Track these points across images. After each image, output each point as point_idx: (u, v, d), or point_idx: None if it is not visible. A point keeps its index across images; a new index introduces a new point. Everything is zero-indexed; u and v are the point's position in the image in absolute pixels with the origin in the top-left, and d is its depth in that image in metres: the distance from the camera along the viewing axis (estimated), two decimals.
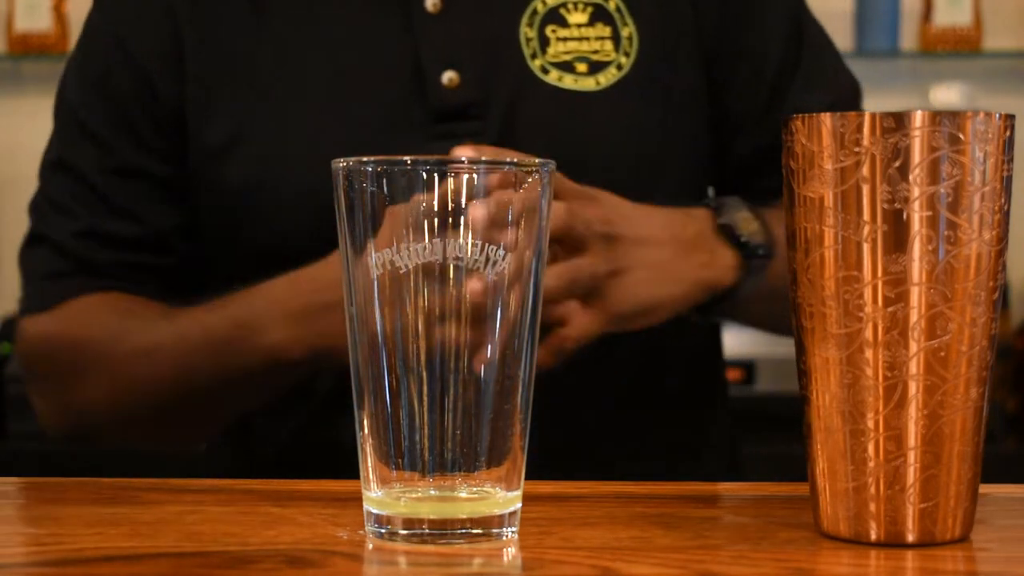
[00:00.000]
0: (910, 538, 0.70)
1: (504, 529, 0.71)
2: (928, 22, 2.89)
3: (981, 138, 0.69)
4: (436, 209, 0.69)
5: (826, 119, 0.69)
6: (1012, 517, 0.80)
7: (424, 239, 0.69)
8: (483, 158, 0.70)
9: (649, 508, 0.79)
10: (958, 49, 2.88)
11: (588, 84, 1.18)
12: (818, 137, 0.70)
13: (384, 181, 0.69)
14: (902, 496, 0.70)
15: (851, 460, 0.70)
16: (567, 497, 0.83)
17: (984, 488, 0.73)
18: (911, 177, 0.68)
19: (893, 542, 0.70)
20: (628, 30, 1.20)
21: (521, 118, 1.17)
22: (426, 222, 0.69)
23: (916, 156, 0.68)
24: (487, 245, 0.69)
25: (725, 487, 0.87)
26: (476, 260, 0.69)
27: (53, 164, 1.22)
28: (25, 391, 1.28)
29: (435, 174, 0.69)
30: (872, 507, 0.70)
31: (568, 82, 1.18)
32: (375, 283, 0.70)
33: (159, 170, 1.20)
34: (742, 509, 0.79)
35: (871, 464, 0.70)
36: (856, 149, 0.69)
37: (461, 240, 0.69)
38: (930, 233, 0.68)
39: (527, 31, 1.18)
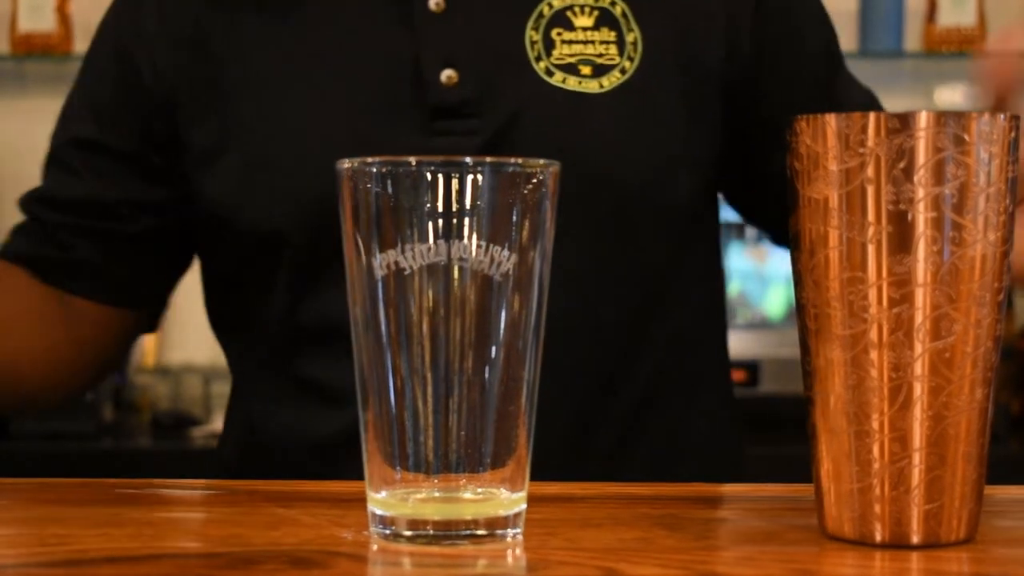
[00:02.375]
0: (915, 539, 0.70)
1: (508, 530, 0.71)
2: (932, 22, 2.89)
3: (986, 139, 0.69)
4: (441, 210, 0.69)
5: (831, 120, 0.69)
6: (1017, 518, 0.80)
7: (429, 240, 0.69)
8: (488, 159, 0.70)
9: (653, 509, 0.79)
10: (962, 49, 2.88)
11: (592, 86, 1.18)
12: (823, 138, 0.70)
13: (388, 182, 0.69)
14: (907, 497, 0.70)
15: (856, 461, 0.70)
16: (571, 498, 0.83)
17: (989, 489, 0.73)
18: (916, 178, 0.68)
19: (898, 543, 0.70)
20: (633, 35, 1.20)
21: (523, 118, 1.17)
22: (430, 223, 0.69)
23: (921, 157, 0.68)
24: (491, 246, 0.69)
25: (729, 488, 0.87)
26: (480, 261, 0.69)
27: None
28: None
29: (439, 175, 0.69)
30: (877, 508, 0.70)
31: (572, 84, 1.18)
32: (379, 284, 0.70)
33: (129, 148, 1.24)
34: (746, 510, 0.79)
35: (876, 465, 0.70)
36: (861, 150, 0.69)
37: (465, 241, 0.69)
38: (935, 234, 0.68)
39: (532, 34, 1.19)
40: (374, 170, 0.70)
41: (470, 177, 0.69)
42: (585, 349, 1.18)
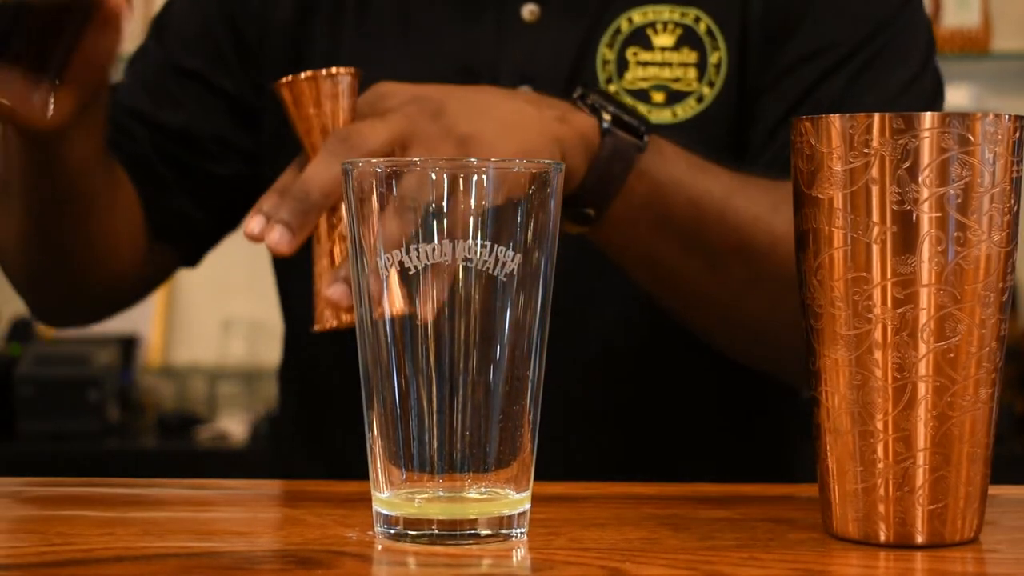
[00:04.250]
0: (919, 539, 0.70)
1: (513, 530, 0.71)
2: (936, 24, 2.89)
3: (990, 139, 0.69)
4: (446, 210, 0.69)
5: (835, 120, 0.69)
6: (1021, 518, 0.80)
7: (433, 240, 0.69)
8: (492, 159, 0.70)
9: (658, 509, 0.79)
10: (966, 51, 2.88)
11: (664, 116, 1.11)
12: (827, 138, 0.70)
13: (393, 182, 0.70)
14: (911, 497, 0.70)
15: (860, 461, 0.70)
16: (576, 498, 0.83)
17: (993, 489, 0.73)
18: (920, 178, 0.68)
19: (902, 543, 0.70)
20: (718, 55, 1.12)
21: None
22: (435, 223, 0.69)
23: (925, 157, 0.68)
24: (496, 246, 0.69)
25: (734, 488, 0.87)
26: (485, 261, 0.69)
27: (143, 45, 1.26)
28: (35, 392, 1.26)
29: (444, 174, 0.69)
30: (881, 508, 0.70)
31: (641, 113, 1.08)
32: (384, 284, 0.70)
33: (231, 88, 1.21)
34: (751, 510, 0.79)
35: (880, 465, 0.70)
36: (865, 150, 0.69)
37: (470, 241, 0.69)
38: (939, 234, 0.68)
39: (606, 52, 1.12)
40: (379, 170, 0.70)
41: (475, 177, 0.69)
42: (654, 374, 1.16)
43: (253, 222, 0.86)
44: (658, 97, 1.11)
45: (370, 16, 1.18)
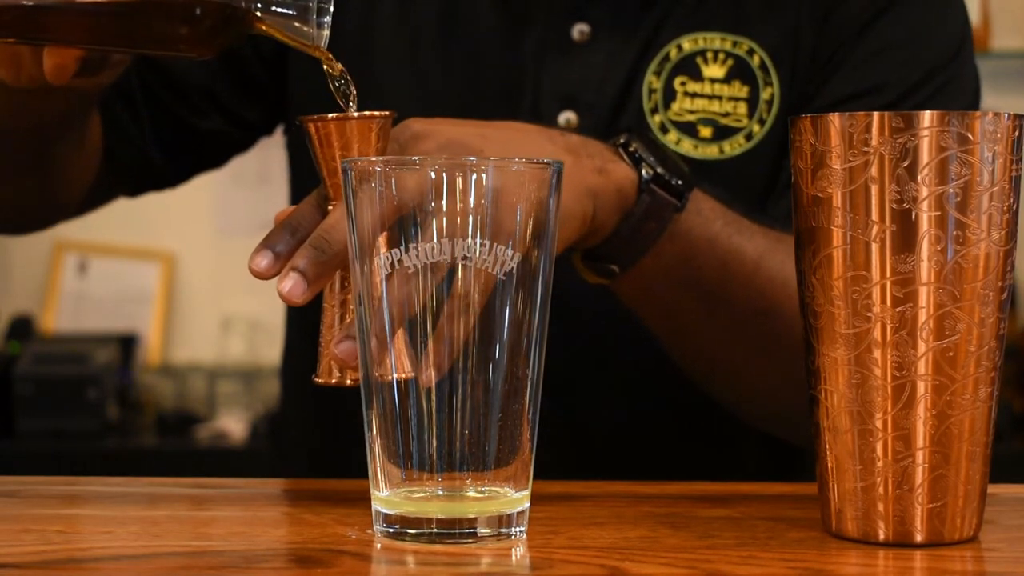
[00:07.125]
0: (918, 538, 0.70)
1: (512, 528, 0.71)
2: None
3: (990, 138, 0.69)
4: (445, 209, 0.69)
5: (835, 119, 0.69)
6: (1020, 517, 0.80)
7: (432, 239, 0.69)
8: (491, 158, 0.70)
9: (657, 508, 0.79)
10: None
11: (710, 152, 1.07)
12: (827, 137, 0.70)
13: (393, 181, 0.70)
14: (910, 496, 0.70)
15: (859, 460, 0.70)
16: (575, 497, 0.83)
17: (992, 488, 0.73)
18: (920, 177, 0.68)
19: (901, 542, 0.70)
20: (771, 91, 1.08)
21: None
22: (434, 221, 0.69)
23: (925, 156, 0.68)
24: (495, 245, 0.69)
25: (733, 487, 0.87)
26: (484, 260, 0.69)
27: None
28: (34, 391, 1.25)
29: (444, 173, 0.69)
30: (880, 507, 0.70)
31: (687, 147, 1.07)
32: (383, 282, 0.70)
33: (248, 53, 1.16)
34: (750, 509, 0.79)
35: (879, 464, 0.70)
36: (865, 149, 0.69)
37: (469, 240, 0.69)
38: (939, 233, 0.68)
39: (652, 80, 1.07)
40: (379, 168, 0.70)
41: (474, 176, 0.69)
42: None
43: (260, 257, 0.81)
44: (705, 132, 1.07)
45: (409, 22, 1.13)
